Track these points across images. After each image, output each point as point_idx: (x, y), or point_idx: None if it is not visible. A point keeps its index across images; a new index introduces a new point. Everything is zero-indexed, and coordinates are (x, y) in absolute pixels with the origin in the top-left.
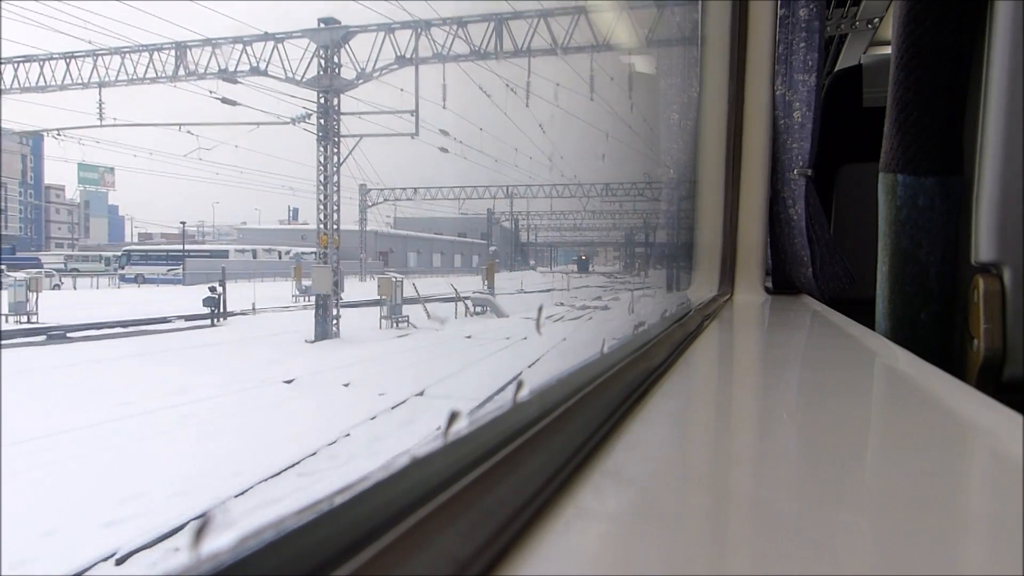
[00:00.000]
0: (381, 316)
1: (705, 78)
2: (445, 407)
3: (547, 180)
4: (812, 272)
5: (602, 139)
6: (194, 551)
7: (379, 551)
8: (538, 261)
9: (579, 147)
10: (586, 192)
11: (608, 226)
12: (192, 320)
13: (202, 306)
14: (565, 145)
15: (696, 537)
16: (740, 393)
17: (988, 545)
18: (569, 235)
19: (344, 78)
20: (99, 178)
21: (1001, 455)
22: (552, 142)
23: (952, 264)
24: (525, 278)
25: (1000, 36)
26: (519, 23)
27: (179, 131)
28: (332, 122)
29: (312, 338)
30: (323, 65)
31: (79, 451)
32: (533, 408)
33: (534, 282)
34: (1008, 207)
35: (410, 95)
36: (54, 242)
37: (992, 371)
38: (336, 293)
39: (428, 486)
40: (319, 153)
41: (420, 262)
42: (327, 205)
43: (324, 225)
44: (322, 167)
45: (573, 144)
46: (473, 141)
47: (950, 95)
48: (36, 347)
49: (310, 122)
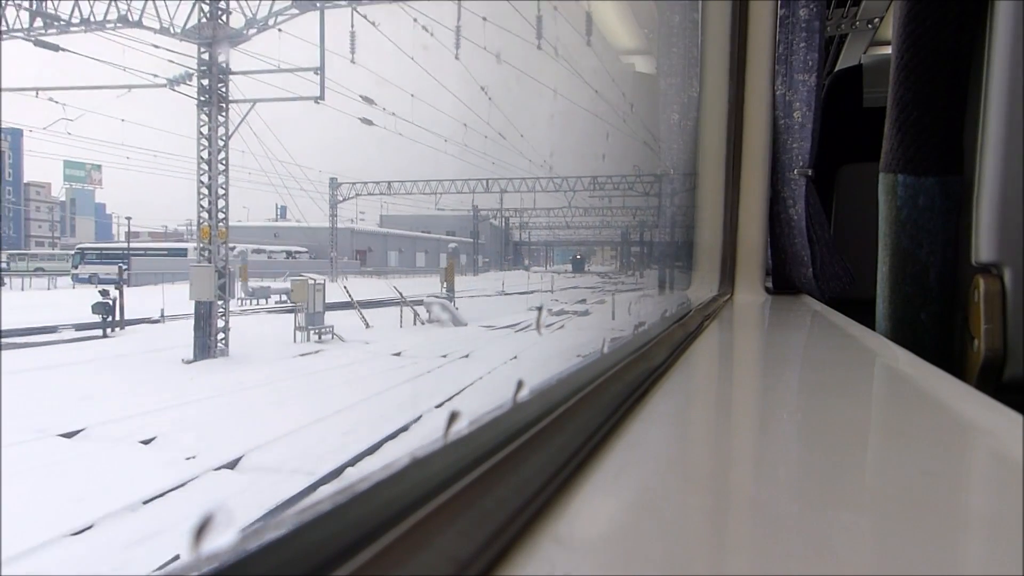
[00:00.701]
0: (296, 327)
1: (705, 78)
2: (255, 495)
3: (530, 174)
4: (812, 272)
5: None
6: (194, 551)
7: (379, 551)
8: (534, 261)
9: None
10: (571, 186)
11: (598, 224)
12: (85, 329)
13: (91, 313)
14: (539, 128)
15: (696, 537)
16: (740, 393)
17: (988, 545)
18: (563, 233)
19: (231, 27)
20: (86, 175)
21: (1001, 455)
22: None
23: (952, 264)
24: (513, 279)
25: (1000, 36)
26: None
27: (36, 97)
28: (216, 83)
29: (191, 357)
30: (205, 12)
31: None
32: (533, 408)
33: (519, 283)
34: (1008, 207)
35: (333, 51)
36: (34, 240)
37: (992, 371)
38: (224, 299)
39: (428, 486)
40: (200, 122)
41: (402, 261)
42: (211, 188)
43: (209, 215)
44: (204, 140)
45: (558, 128)
46: (405, 111)
47: (950, 95)
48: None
49: (192, 84)
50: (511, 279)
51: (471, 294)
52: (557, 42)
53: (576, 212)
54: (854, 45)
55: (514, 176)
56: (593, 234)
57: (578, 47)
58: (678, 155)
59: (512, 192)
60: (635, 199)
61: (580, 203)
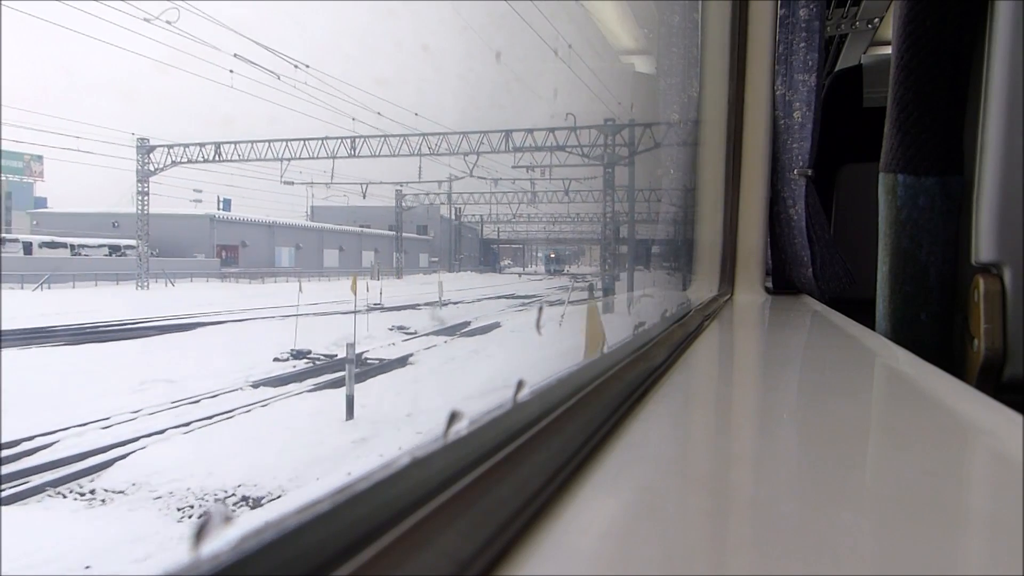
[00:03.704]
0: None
1: (705, 78)
2: None
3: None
4: (812, 272)
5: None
6: (194, 551)
7: (379, 551)
8: (515, 261)
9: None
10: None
11: (562, 215)
12: None
13: None
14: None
15: (696, 537)
16: (740, 393)
17: (988, 545)
18: (535, 230)
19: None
20: (24, 167)
21: (1001, 455)
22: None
23: (952, 264)
24: (459, 281)
25: (1000, 36)
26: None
27: None
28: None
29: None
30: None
31: None
32: (533, 408)
33: (456, 288)
34: (1008, 207)
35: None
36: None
37: (992, 371)
38: None
39: (428, 486)
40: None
41: (301, 260)
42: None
43: None
44: None
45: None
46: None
47: (950, 95)
48: None
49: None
50: (458, 283)
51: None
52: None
53: (551, 199)
54: (854, 45)
55: (430, 130)
56: (571, 228)
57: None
58: (678, 155)
59: (419, 156)
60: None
61: (552, 186)
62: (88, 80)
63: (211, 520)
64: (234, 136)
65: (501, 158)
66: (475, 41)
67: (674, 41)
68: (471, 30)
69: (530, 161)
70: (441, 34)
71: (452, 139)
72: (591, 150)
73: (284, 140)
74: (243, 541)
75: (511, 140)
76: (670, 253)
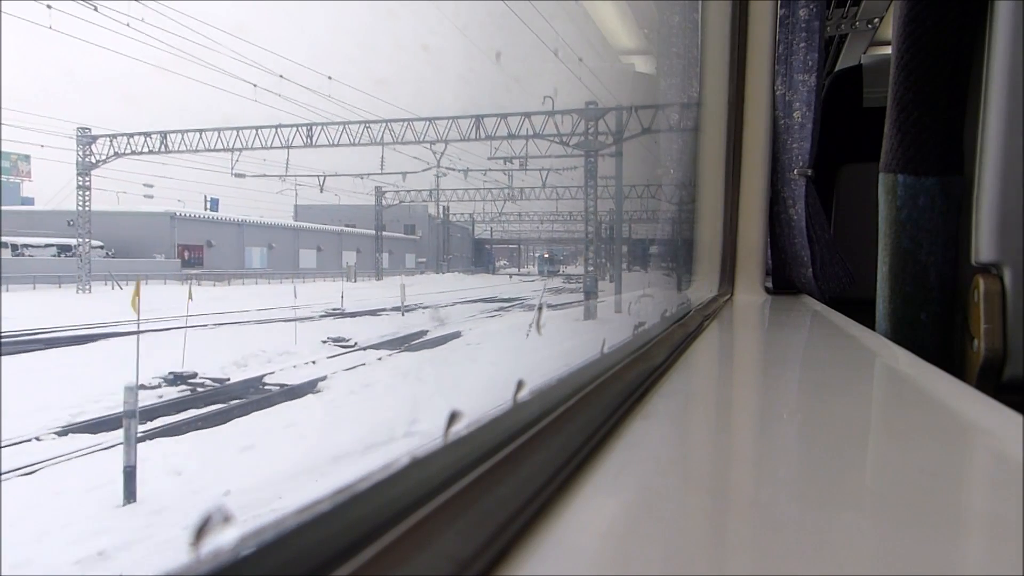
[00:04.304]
0: None
1: (705, 78)
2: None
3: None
4: (812, 272)
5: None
6: (194, 551)
7: (379, 551)
8: (511, 262)
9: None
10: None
11: (552, 212)
12: None
13: None
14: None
15: (696, 537)
16: (740, 393)
17: (988, 545)
18: (529, 230)
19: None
20: (11, 167)
21: (1001, 455)
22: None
23: (952, 264)
24: (442, 284)
25: (1000, 36)
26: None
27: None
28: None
29: None
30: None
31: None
32: (533, 408)
33: (435, 291)
34: (1008, 207)
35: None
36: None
37: (992, 371)
38: None
39: (428, 486)
40: None
41: (275, 261)
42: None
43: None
44: None
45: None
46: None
47: (950, 95)
48: None
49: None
50: (433, 285)
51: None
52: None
53: (543, 198)
54: (854, 45)
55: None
56: (565, 228)
57: None
58: (678, 155)
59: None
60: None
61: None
62: (43, 72)
63: (211, 520)
64: (188, 125)
65: (475, 148)
66: (475, 41)
67: (674, 41)
68: (470, 30)
69: (508, 151)
70: (441, 34)
71: (417, 126)
72: (571, 138)
73: (235, 128)
74: (243, 541)
75: (482, 127)
76: (668, 253)
